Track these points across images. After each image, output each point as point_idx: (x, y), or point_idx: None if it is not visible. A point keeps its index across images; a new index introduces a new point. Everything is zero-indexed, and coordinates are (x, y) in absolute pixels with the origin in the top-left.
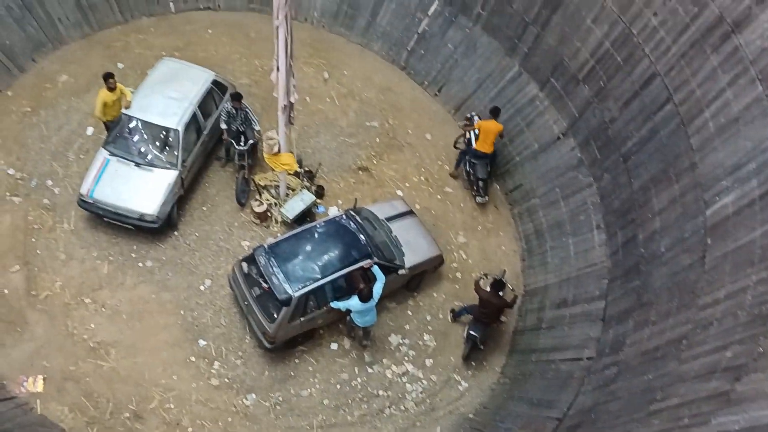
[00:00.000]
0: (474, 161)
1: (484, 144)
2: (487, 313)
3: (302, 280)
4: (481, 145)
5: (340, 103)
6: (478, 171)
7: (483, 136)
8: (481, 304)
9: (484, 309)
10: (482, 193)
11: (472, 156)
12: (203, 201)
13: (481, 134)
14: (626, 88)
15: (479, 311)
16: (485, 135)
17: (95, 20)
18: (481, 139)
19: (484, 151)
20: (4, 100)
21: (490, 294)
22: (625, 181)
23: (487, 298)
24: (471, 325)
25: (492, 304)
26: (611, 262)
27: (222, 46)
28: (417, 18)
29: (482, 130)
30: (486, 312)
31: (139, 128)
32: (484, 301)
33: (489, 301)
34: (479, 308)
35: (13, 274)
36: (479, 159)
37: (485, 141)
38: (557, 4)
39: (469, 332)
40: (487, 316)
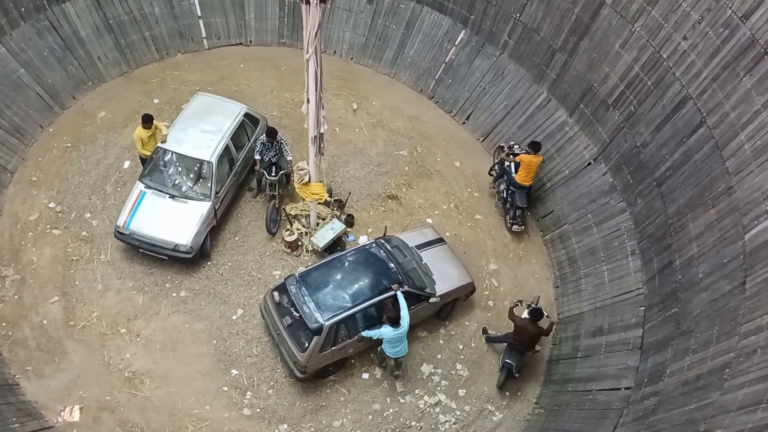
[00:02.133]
0: (513, 190)
1: (527, 177)
2: (522, 340)
3: (333, 309)
4: (522, 178)
5: (369, 133)
6: (517, 200)
7: (525, 170)
8: (516, 332)
9: (519, 337)
10: (519, 222)
11: (512, 185)
12: (235, 231)
13: (523, 167)
14: (657, 112)
15: (514, 339)
16: (528, 168)
17: (133, 58)
18: (524, 171)
19: (526, 184)
20: (46, 137)
21: (526, 322)
22: (659, 206)
23: (522, 325)
24: (506, 353)
25: (527, 331)
26: (647, 289)
27: (254, 80)
28: (444, 48)
29: (524, 164)
30: (521, 340)
31: (173, 161)
32: (519, 328)
33: (524, 328)
34: (514, 336)
35: (52, 304)
36: (519, 189)
37: (528, 174)
38: (584, 30)
39: (504, 360)
40: (522, 344)
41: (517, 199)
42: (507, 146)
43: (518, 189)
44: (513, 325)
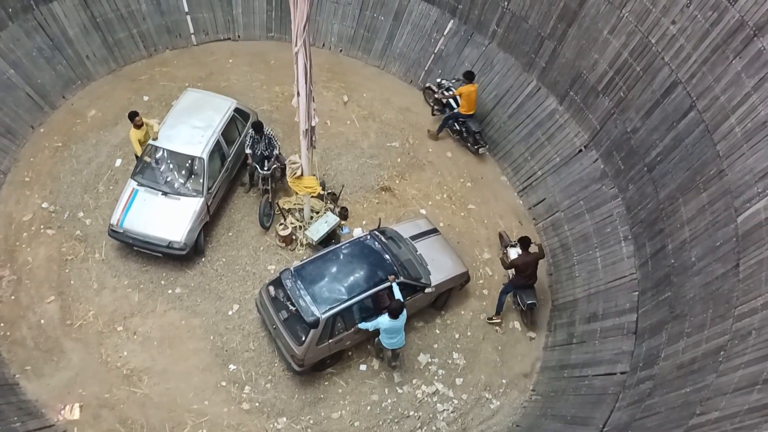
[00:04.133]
0: (463, 120)
1: (470, 107)
2: (528, 275)
3: (329, 302)
4: (466, 108)
5: (360, 125)
6: (471, 126)
7: (466, 100)
8: (519, 271)
9: (524, 273)
10: (482, 143)
11: (460, 118)
12: (229, 227)
13: (463, 98)
14: (647, 97)
15: (520, 279)
16: (468, 98)
17: (121, 56)
18: (465, 102)
19: (471, 113)
20: (37, 137)
21: (522, 256)
22: (651, 191)
23: (521, 261)
24: (522, 296)
25: (527, 264)
26: (641, 274)
27: (243, 75)
28: (433, 38)
29: (464, 95)
30: (526, 274)
31: (165, 158)
32: (520, 266)
33: (525, 263)
34: (519, 276)
35: (48, 304)
36: (468, 118)
37: (469, 104)
38: (572, 17)
39: (527, 303)
40: (529, 278)
41: (470, 125)
42: (434, 85)
43: (466, 117)
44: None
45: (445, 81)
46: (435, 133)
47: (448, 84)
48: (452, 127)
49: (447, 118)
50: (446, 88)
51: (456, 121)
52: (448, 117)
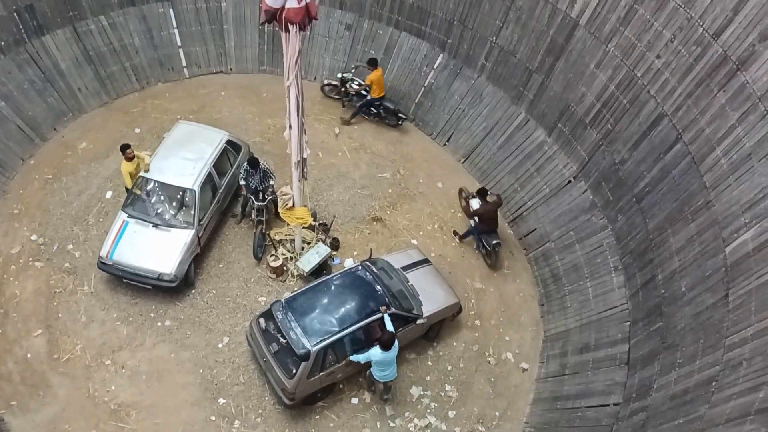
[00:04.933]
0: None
1: (380, 90)
2: (489, 220)
3: (320, 334)
4: (378, 92)
5: (351, 156)
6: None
7: (376, 85)
8: (481, 220)
9: (486, 218)
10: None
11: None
12: (219, 258)
13: (374, 85)
14: (634, 129)
15: (482, 225)
16: (377, 83)
17: (113, 89)
18: (376, 87)
19: (382, 95)
20: (27, 169)
21: (483, 205)
22: (639, 221)
23: (483, 210)
24: (487, 239)
25: (488, 211)
26: (632, 304)
27: (235, 107)
28: (423, 72)
29: (374, 82)
30: (488, 220)
31: (156, 190)
32: (482, 214)
33: (486, 211)
34: (481, 223)
35: (35, 338)
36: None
37: (379, 87)
38: (560, 52)
39: (493, 244)
40: (491, 224)
41: (387, 105)
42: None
43: (380, 100)
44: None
45: (347, 74)
46: (348, 119)
47: (351, 76)
48: (368, 112)
49: (362, 105)
50: (350, 79)
51: (371, 106)
52: (362, 104)
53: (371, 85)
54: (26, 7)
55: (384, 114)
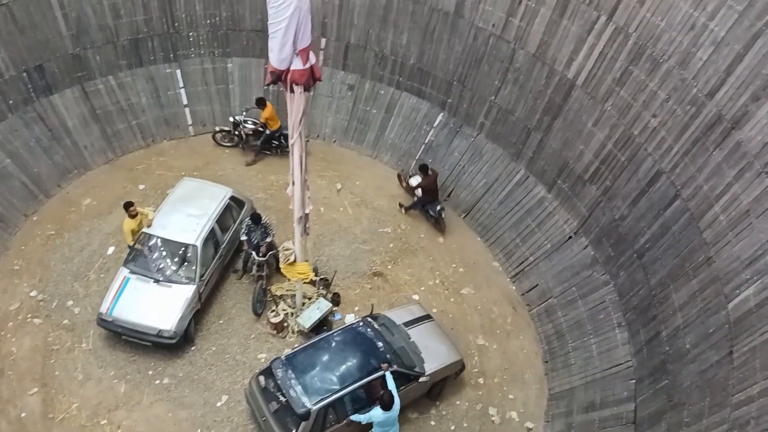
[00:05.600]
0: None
1: (276, 122)
2: (431, 192)
3: (321, 393)
4: (275, 125)
5: (353, 212)
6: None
7: (272, 120)
8: (425, 192)
9: (429, 191)
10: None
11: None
12: (220, 314)
13: (270, 121)
14: (633, 186)
15: (426, 197)
16: (272, 118)
17: (119, 146)
18: (272, 122)
19: (278, 127)
20: (30, 225)
21: (423, 179)
22: (641, 277)
23: (426, 183)
24: (432, 208)
25: (429, 183)
26: (636, 361)
27: (239, 164)
28: (423, 130)
29: (269, 118)
30: (431, 191)
31: (158, 246)
32: (426, 187)
33: (427, 183)
34: (425, 196)
35: (30, 396)
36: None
37: (274, 121)
38: (557, 111)
39: (438, 211)
40: (432, 194)
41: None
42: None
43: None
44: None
45: (239, 117)
46: (253, 161)
47: (243, 117)
48: (269, 147)
49: (264, 142)
50: (243, 121)
51: (272, 139)
52: (264, 141)
53: (267, 122)
54: (36, 67)
55: (285, 142)
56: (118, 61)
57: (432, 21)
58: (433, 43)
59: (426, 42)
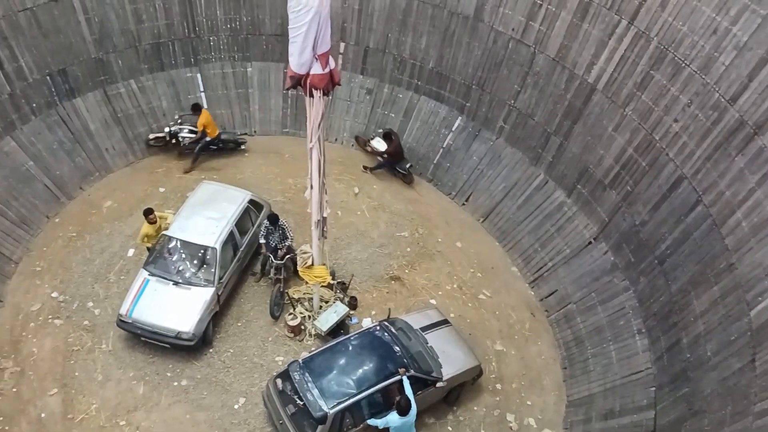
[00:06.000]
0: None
1: (214, 129)
2: (397, 154)
3: (338, 396)
4: (213, 132)
5: (370, 216)
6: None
7: (210, 127)
8: (390, 156)
9: (395, 154)
10: (242, 142)
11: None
12: (238, 317)
13: (208, 127)
14: (654, 191)
15: (391, 159)
16: (210, 125)
17: (140, 149)
18: (210, 129)
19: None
20: (52, 227)
21: (390, 145)
22: (662, 284)
23: (393, 149)
24: (401, 166)
25: (396, 146)
26: (657, 369)
27: (258, 168)
28: (441, 133)
29: (207, 125)
30: (395, 153)
31: (178, 248)
32: (391, 152)
33: (394, 147)
34: (390, 157)
35: (50, 397)
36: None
37: (213, 127)
38: (577, 115)
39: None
40: (399, 156)
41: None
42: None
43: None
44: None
45: (175, 127)
46: (190, 168)
47: (178, 127)
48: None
49: (201, 148)
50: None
51: (211, 145)
52: (201, 147)
53: (205, 128)
54: (59, 71)
55: (223, 146)
56: (140, 65)
57: (451, 25)
58: (452, 47)
59: (445, 46)
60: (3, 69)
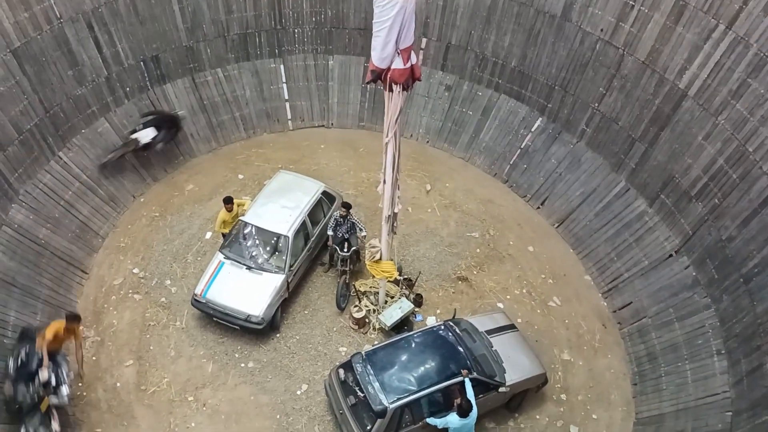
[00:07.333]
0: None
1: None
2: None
3: (398, 392)
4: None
5: (441, 214)
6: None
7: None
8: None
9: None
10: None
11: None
12: (305, 305)
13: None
14: (744, 205)
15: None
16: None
17: (222, 136)
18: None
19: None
20: (137, 206)
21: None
22: (747, 304)
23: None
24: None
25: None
26: (735, 393)
27: (332, 160)
28: (520, 134)
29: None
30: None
31: (253, 234)
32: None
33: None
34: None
35: (126, 368)
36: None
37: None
38: (665, 121)
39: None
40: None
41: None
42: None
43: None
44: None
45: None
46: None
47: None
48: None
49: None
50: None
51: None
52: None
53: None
54: (152, 57)
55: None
56: (227, 55)
57: (537, 24)
58: (537, 46)
59: (529, 45)
60: (102, 53)
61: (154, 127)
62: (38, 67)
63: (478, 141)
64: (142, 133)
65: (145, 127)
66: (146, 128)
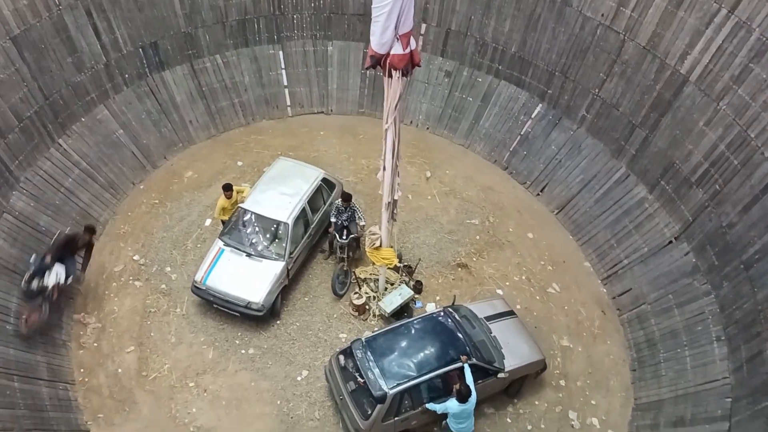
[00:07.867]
0: None
1: None
2: None
3: (398, 377)
4: None
5: (441, 201)
6: None
7: None
8: None
9: None
10: None
11: None
12: (306, 291)
13: None
14: (745, 192)
15: None
16: None
17: (221, 123)
18: None
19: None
20: (137, 193)
21: None
22: (747, 290)
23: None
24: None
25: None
26: (735, 379)
27: (332, 147)
28: (520, 120)
29: None
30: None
31: (252, 221)
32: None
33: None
34: None
35: (127, 354)
36: None
37: None
38: (666, 107)
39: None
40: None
41: None
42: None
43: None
44: None
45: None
46: None
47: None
48: None
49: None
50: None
51: None
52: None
53: None
54: (151, 44)
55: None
56: (226, 41)
57: (537, 8)
58: (537, 32)
59: (529, 30)
60: (101, 40)
61: (57, 263)
62: (37, 55)
63: (478, 127)
64: (51, 276)
65: (45, 270)
66: (50, 269)
